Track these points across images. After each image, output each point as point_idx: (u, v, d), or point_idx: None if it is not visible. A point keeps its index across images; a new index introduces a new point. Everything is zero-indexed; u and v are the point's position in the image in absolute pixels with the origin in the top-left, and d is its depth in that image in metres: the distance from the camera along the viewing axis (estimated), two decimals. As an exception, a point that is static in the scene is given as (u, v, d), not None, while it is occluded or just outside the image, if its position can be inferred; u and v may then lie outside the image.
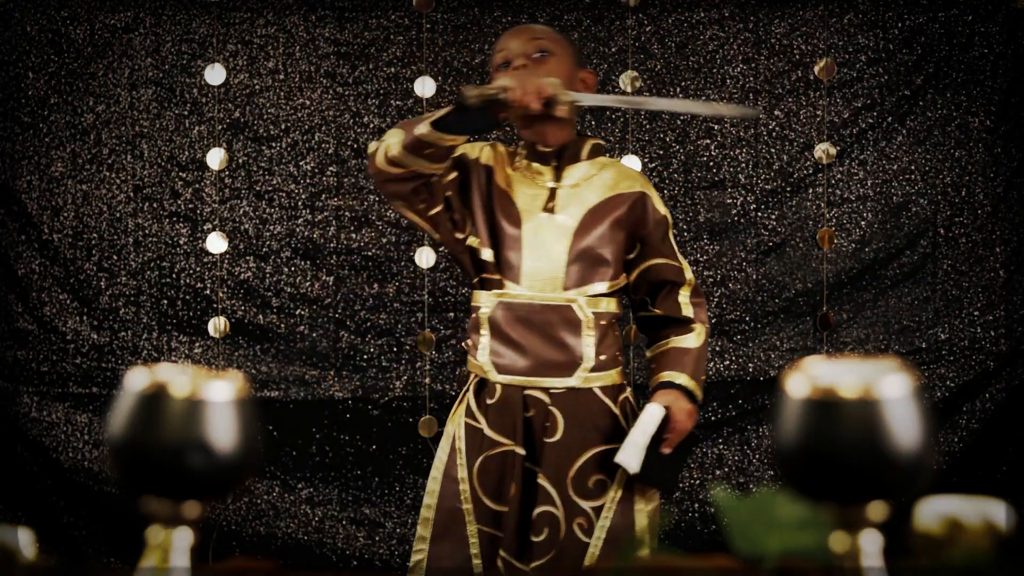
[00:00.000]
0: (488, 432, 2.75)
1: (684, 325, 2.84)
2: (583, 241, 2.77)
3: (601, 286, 2.78)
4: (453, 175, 2.80)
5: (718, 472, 4.36)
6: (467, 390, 2.81)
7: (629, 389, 2.85)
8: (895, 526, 1.01)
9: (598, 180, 2.83)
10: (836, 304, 4.37)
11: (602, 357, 2.75)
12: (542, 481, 2.70)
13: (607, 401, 2.76)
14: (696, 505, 4.33)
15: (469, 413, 2.79)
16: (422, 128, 2.63)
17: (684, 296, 2.85)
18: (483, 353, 2.77)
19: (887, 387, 0.95)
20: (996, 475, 4.30)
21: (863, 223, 4.39)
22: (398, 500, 4.35)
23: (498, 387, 2.75)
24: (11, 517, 4.18)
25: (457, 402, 2.85)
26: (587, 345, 2.74)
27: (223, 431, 1.01)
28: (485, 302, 2.78)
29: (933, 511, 1.08)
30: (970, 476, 4.26)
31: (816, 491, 0.96)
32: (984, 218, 4.39)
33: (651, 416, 2.69)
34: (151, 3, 4.36)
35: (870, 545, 0.96)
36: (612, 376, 2.78)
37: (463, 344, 2.91)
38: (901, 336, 4.39)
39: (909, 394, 0.96)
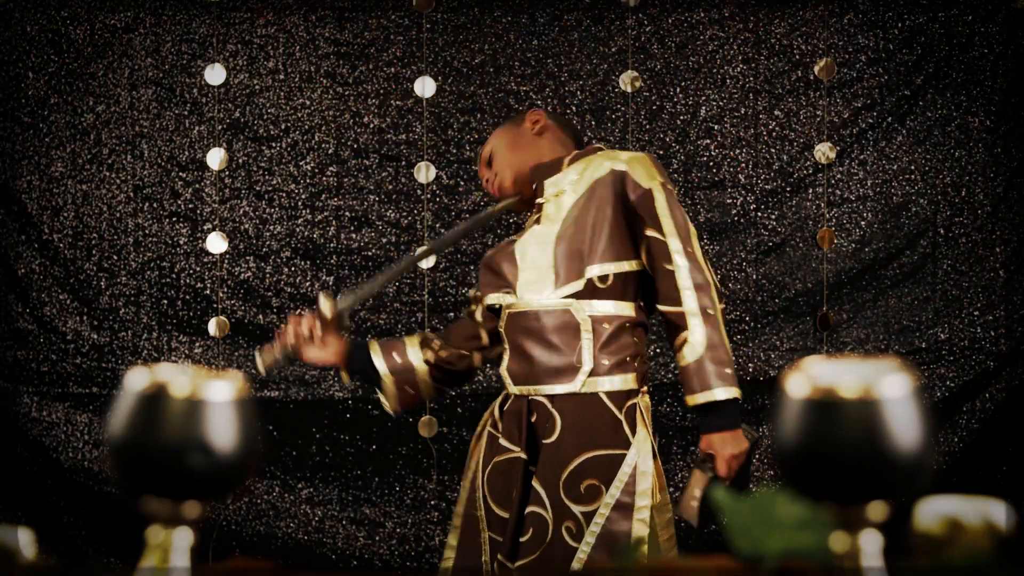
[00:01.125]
0: (501, 440, 2.79)
1: (680, 330, 2.66)
2: (566, 241, 2.76)
3: (596, 269, 2.72)
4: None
5: (718, 472, 4.35)
6: (495, 403, 2.88)
7: (642, 396, 2.75)
8: (895, 526, 1.01)
9: (579, 180, 2.80)
10: (836, 304, 4.36)
11: (604, 362, 2.71)
12: (534, 482, 2.71)
13: (611, 406, 2.72)
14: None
15: (492, 423, 2.85)
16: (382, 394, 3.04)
17: (685, 278, 2.65)
18: (503, 366, 2.84)
19: (887, 387, 0.95)
20: (996, 475, 4.30)
21: (863, 223, 4.38)
22: (398, 500, 4.34)
23: (512, 396, 2.80)
24: (11, 517, 4.18)
25: (484, 416, 2.92)
26: (585, 349, 2.72)
27: (223, 431, 1.01)
28: (502, 317, 2.86)
29: (933, 511, 1.08)
30: (970, 476, 4.26)
31: (816, 491, 0.96)
32: (984, 218, 4.39)
33: (699, 480, 2.67)
34: (151, 3, 4.36)
35: (870, 545, 0.96)
36: (621, 381, 2.73)
37: None
38: (901, 336, 4.38)
39: (909, 394, 0.95)
